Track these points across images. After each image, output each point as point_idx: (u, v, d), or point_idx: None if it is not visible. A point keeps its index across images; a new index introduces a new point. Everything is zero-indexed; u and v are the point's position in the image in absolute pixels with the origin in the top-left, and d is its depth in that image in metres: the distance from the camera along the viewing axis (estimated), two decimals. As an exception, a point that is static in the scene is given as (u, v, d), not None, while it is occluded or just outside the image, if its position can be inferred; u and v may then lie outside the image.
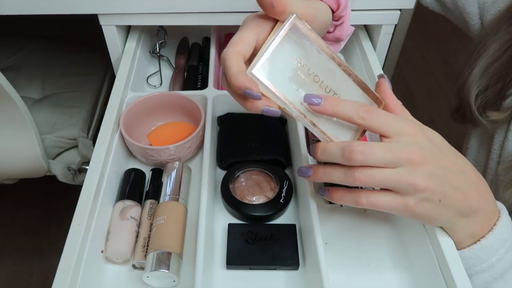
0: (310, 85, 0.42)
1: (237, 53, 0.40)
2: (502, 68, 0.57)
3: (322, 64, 0.42)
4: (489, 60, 0.58)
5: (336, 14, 0.51)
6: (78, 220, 0.49)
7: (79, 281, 0.46)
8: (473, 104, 0.60)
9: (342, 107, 0.40)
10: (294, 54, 0.41)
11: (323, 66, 0.42)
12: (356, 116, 0.40)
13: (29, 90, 1.02)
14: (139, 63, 0.75)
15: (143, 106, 0.65)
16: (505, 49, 0.57)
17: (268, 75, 0.40)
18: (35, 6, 0.68)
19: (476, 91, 0.59)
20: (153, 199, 0.57)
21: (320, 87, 0.42)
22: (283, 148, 0.64)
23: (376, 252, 0.54)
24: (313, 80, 0.42)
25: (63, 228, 0.51)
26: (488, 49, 0.58)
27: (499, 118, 0.59)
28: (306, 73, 0.42)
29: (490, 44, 0.58)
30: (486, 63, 0.58)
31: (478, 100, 0.60)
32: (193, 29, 0.88)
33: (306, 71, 0.42)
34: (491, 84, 0.59)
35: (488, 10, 0.63)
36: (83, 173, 0.96)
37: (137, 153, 0.62)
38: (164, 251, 0.49)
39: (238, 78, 0.38)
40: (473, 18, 0.66)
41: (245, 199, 0.58)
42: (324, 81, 0.42)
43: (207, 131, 0.61)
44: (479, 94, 0.59)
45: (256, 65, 0.40)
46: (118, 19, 0.71)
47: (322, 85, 0.42)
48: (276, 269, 0.52)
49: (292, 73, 0.41)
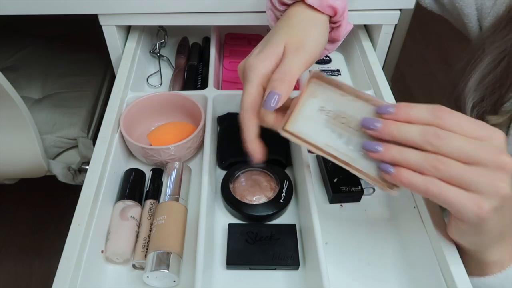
0: (339, 127, 0.44)
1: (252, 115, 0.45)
2: (496, 80, 0.57)
3: (350, 105, 0.43)
4: (484, 72, 0.58)
5: (333, 19, 0.51)
6: (78, 220, 0.49)
7: (79, 281, 0.46)
8: (469, 116, 0.60)
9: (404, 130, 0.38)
10: (319, 104, 0.45)
11: (351, 107, 0.43)
12: (422, 141, 0.38)
13: (29, 90, 1.03)
14: (139, 63, 0.75)
15: (143, 106, 0.65)
16: (498, 61, 0.56)
17: (300, 129, 0.45)
18: (35, 6, 0.68)
19: (472, 102, 0.59)
20: (153, 199, 0.57)
21: (349, 127, 0.43)
22: (283, 148, 0.64)
23: (376, 252, 0.54)
24: (340, 122, 0.44)
25: (63, 228, 0.51)
26: (482, 61, 0.58)
27: (498, 122, 0.58)
28: (334, 117, 0.44)
29: (484, 56, 0.58)
30: (481, 75, 0.58)
31: (474, 111, 0.59)
32: (193, 29, 0.88)
33: (334, 116, 0.44)
34: (486, 95, 0.58)
35: (486, 13, 0.63)
36: (83, 173, 0.96)
37: (137, 153, 0.62)
38: (164, 251, 0.49)
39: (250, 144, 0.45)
40: (471, 20, 0.66)
41: (245, 199, 0.58)
42: (353, 121, 0.43)
43: (207, 131, 0.61)
44: (475, 106, 0.59)
45: (287, 122, 0.45)
46: (118, 19, 0.71)
47: (351, 125, 0.43)
48: (276, 269, 0.53)
49: (322, 121, 0.44)
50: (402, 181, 0.39)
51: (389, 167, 0.40)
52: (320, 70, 0.45)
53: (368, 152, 0.41)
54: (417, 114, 0.38)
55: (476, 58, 0.59)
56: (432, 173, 0.37)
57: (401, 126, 0.39)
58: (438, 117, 0.37)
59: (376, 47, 0.76)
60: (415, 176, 0.38)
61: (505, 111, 0.58)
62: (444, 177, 0.37)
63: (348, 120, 0.43)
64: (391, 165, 0.40)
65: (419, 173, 0.38)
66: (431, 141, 0.37)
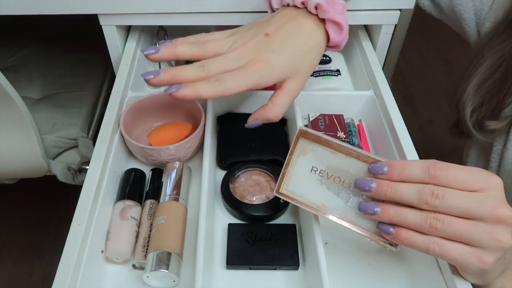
0: (333, 186, 0.44)
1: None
2: (494, 85, 0.57)
3: (341, 163, 0.43)
4: (482, 77, 0.58)
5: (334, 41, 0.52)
6: (78, 220, 0.49)
7: (79, 281, 0.46)
8: (469, 121, 0.60)
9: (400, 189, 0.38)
10: (311, 164, 0.44)
11: (343, 165, 0.43)
12: (419, 201, 0.38)
13: (29, 90, 1.03)
14: (139, 63, 0.75)
15: (143, 106, 0.65)
16: (497, 67, 0.56)
17: (295, 189, 0.45)
18: (35, 6, 0.68)
19: (471, 107, 0.59)
20: (153, 199, 0.57)
21: (344, 185, 0.43)
22: (283, 148, 0.64)
23: (376, 252, 0.54)
24: (334, 181, 0.43)
25: (63, 228, 0.51)
26: (481, 66, 0.58)
27: (497, 127, 0.58)
28: (328, 177, 0.44)
29: (483, 61, 0.58)
30: (479, 80, 0.58)
31: (474, 116, 0.59)
32: (193, 29, 0.88)
33: (327, 175, 0.44)
34: (485, 100, 0.58)
35: (485, 17, 0.63)
36: (83, 173, 0.96)
37: (137, 153, 0.62)
38: (164, 251, 0.49)
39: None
40: (469, 24, 0.65)
41: (245, 199, 0.58)
42: (347, 178, 0.43)
43: (207, 131, 0.61)
44: (474, 111, 0.59)
45: (282, 183, 0.46)
46: (118, 19, 0.71)
47: (345, 184, 0.43)
48: (276, 269, 0.53)
49: (316, 180, 0.44)
50: (402, 242, 0.39)
51: (389, 228, 0.40)
52: (320, 70, 0.45)
53: (366, 214, 0.41)
54: (411, 173, 0.38)
55: (475, 63, 0.59)
56: (432, 233, 0.37)
57: (396, 186, 0.39)
58: (432, 176, 0.37)
59: (376, 47, 0.76)
60: (415, 236, 0.38)
61: (504, 117, 0.58)
62: (444, 235, 0.37)
63: (342, 179, 0.43)
64: (390, 225, 0.40)
65: (418, 232, 0.38)
66: (428, 201, 0.37)
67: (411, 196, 0.38)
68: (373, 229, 0.42)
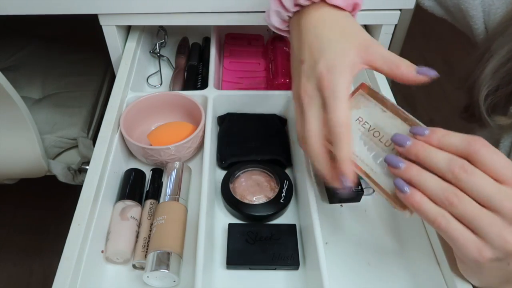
0: (370, 139, 0.44)
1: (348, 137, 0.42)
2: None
3: (387, 121, 0.44)
4: (502, 60, 0.56)
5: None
6: (78, 220, 0.49)
7: (79, 281, 0.46)
8: (482, 104, 0.58)
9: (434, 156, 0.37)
10: (359, 115, 0.46)
11: (387, 123, 0.44)
12: (446, 169, 0.37)
13: (29, 90, 1.03)
14: (139, 63, 0.75)
15: (143, 106, 0.65)
16: None
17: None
18: (35, 6, 0.68)
19: (487, 91, 0.57)
20: (153, 199, 0.57)
21: (381, 141, 0.44)
22: (283, 148, 0.64)
23: (376, 252, 0.54)
24: (374, 136, 0.44)
25: (63, 228, 0.51)
26: (501, 49, 0.56)
27: (505, 124, 0.57)
28: (369, 130, 0.45)
29: (503, 44, 0.56)
30: (498, 63, 0.56)
31: (488, 100, 0.58)
32: (193, 29, 0.88)
33: (370, 129, 0.45)
34: (502, 85, 0.57)
35: (493, 13, 0.62)
36: (83, 173, 0.96)
37: (137, 153, 0.62)
38: (164, 251, 0.49)
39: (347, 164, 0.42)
40: (477, 22, 0.65)
41: (245, 199, 0.58)
42: (386, 137, 0.43)
43: (207, 131, 0.61)
44: (489, 95, 0.58)
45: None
46: (118, 19, 0.71)
47: (382, 139, 0.44)
48: (276, 269, 0.52)
49: (357, 132, 0.45)
50: (413, 204, 0.38)
51: (405, 186, 0.39)
52: None
53: (389, 166, 0.40)
54: (450, 141, 0.37)
55: (494, 47, 0.57)
56: (445, 206, 0.36)
57: (430, 149, 0.38)
58: (471, 150, 0.36)
59: (376, 47, 0.76)
60: (427, 203, 0.37)
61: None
62: (456, 213, 0.36)
63: (382, 136, 0.44)
64: (408, 185, 0.39)
65: (433, 201, 0.37)
66: (455, 172, 0.36)
67: (440, 161, 0.37)
68: (390, 189, 0.42)
